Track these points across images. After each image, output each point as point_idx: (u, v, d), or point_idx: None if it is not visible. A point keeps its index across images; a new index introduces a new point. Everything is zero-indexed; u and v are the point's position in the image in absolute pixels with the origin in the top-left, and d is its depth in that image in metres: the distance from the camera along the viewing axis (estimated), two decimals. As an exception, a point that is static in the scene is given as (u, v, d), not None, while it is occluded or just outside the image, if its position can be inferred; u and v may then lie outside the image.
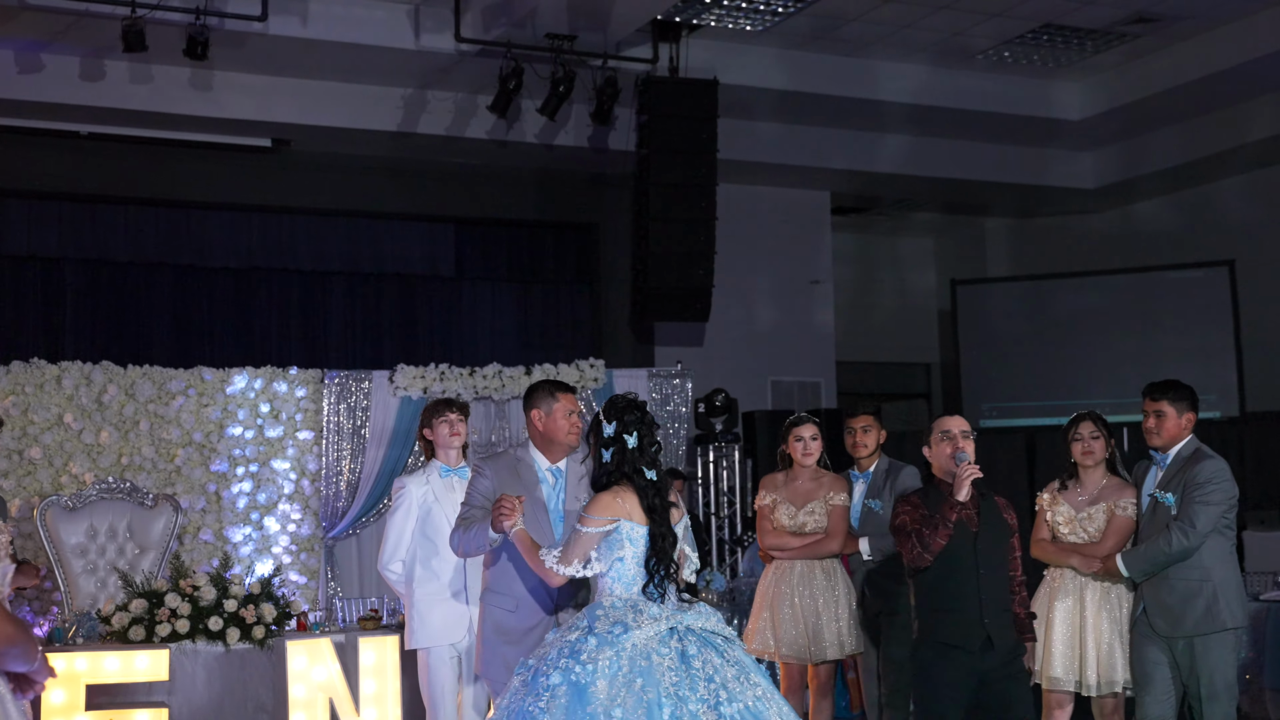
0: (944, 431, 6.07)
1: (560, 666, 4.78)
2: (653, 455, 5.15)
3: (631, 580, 5.05)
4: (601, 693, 4.67)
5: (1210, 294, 14.68)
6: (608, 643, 4.79)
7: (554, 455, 5.91)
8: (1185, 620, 6.36)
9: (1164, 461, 6.59)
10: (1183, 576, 6.38)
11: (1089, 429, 6.77)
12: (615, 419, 5.17)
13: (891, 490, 7.34)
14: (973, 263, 17.63)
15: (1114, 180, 15.46)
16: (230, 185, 13.15)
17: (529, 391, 5.99)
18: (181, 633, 8.04)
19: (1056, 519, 6.82)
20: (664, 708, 4.64)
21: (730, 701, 4.73)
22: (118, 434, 10.20)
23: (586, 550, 5.06)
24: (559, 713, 4.66)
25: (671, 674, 4.75)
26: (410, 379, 10.74)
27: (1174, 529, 6.36)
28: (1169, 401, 6.57)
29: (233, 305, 13.55)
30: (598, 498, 5.14)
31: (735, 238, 13.86)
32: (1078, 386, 14.72)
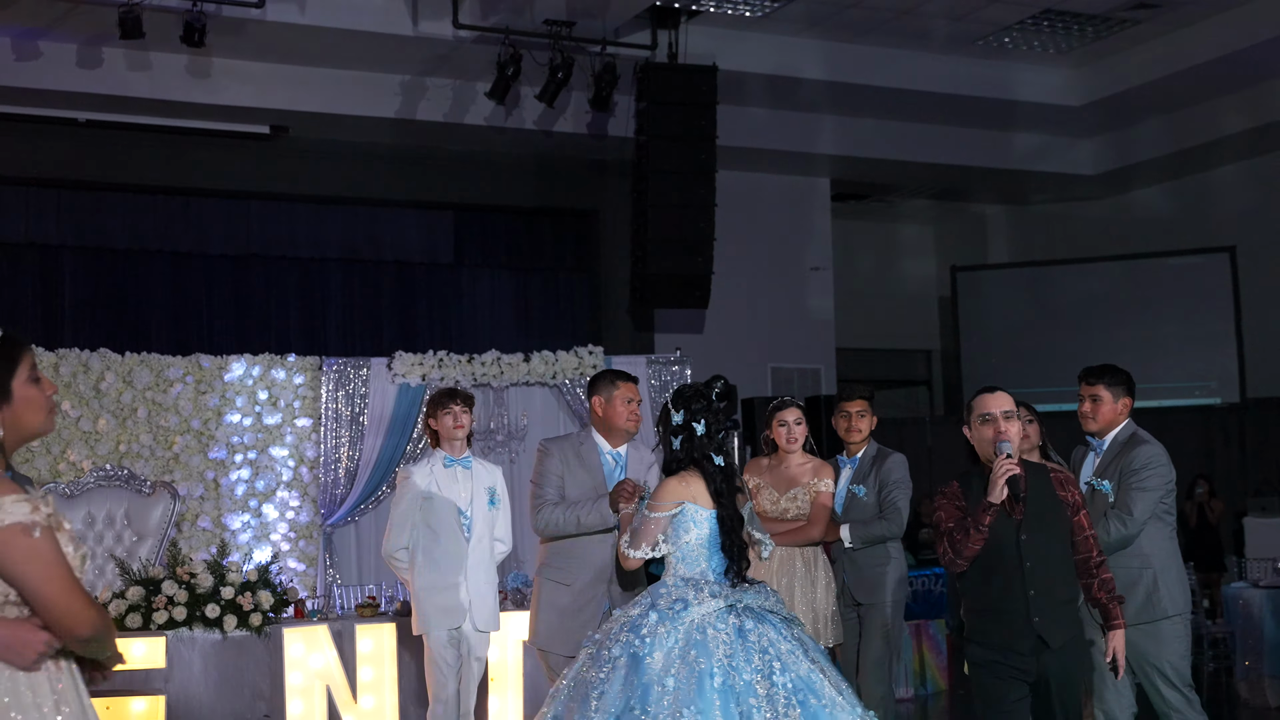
0: (984, 414, 5.29)
1: (621, 640, 4.99)
2: (720, 442, 5.33)
3: (695, 560, 5.22)
4: (657, 664, 4.86)
5: (1211, 280, 14.68)
6: (667, 618, 4.98)
7: (615, 440, 6.22)
8: (1126, 609, 6.05)
9: (1100, 447, 6.43)
10: (1122, 565, 6.15)
11: (1024, 414, 6.67)
12: (683, 407, 5.40)
13: (877, 477, 7.23)
14: (972, 249, 17.62)
15: (1114, 166, 15.44)
16: (228, 172, 13.13)
17: (592, 380, 6.33)
18: (178, 620, 8.04)
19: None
20: (715, 676, 4.81)
21: (784, 671, 4.86)
22: (115, 421, 10.18)
23: (655, 534, 5.26)
24: (618, 682, 4.88)
25: (725, 646, 4.91)
26: (408, 366, 10.72)
27: (1111, 517, 6.18)
28: (1105, 385, 6.40)
29: (231, 293, 13.54)
30: (665, 483, 5.34)
31: (735, 224, 13.84)
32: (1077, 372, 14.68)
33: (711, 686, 4.80)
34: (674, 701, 4.77)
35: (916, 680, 10.93)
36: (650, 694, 4.81)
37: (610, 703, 4.86)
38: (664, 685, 4.81)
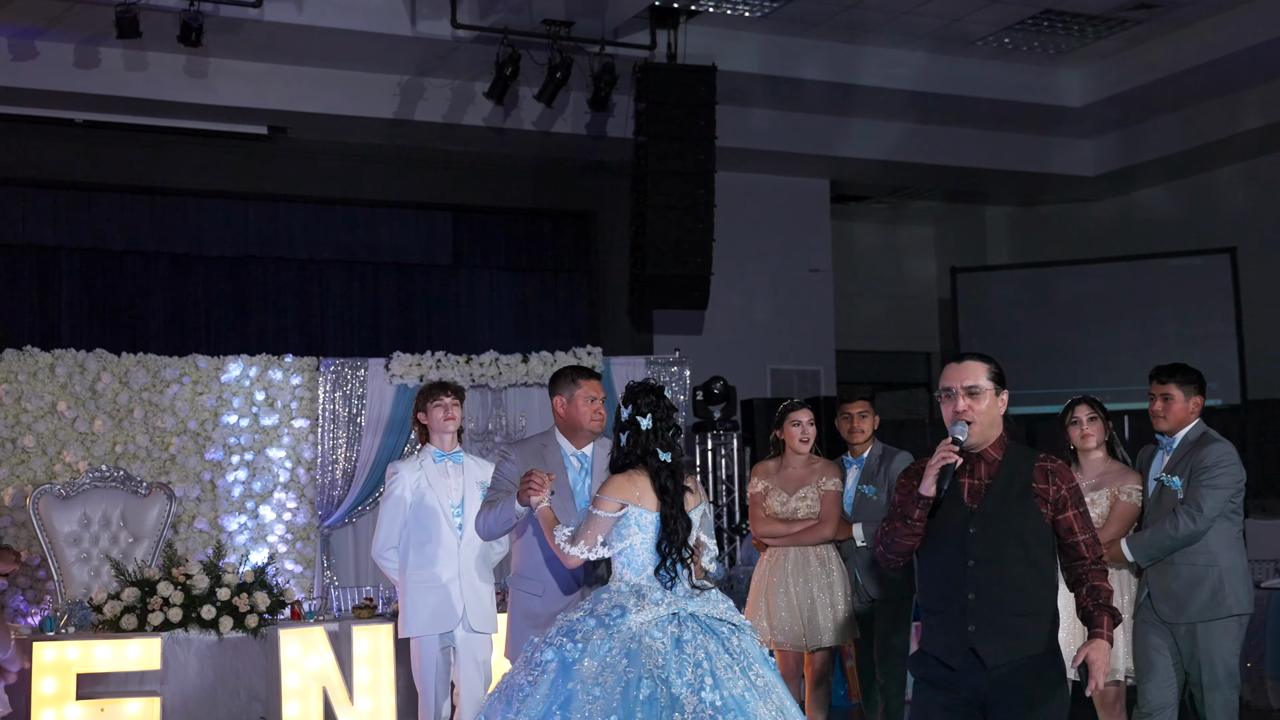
0: (945, 389, 4.76)
1: (555, 644, 4.86)
2: (669, 439, 5.16)
3: (642, 566, 5.06)
4: (587, 671, 4.73)
5: (1212, 281, 14.60)
6: (603, 625, 4.85)
7: (579, 441, 5.93)
8: (1190, 606, 6.25)
9: (1170, 445, 6.48)
10: (1189, 561, 6.27)
11: (1085, 412, 6.70)
12: (630, 402, 5.21)
13: (885, 476, 7.28)
14: (973, 251, 17.56)
15: (1114, 167, 15.38)
16: (226, 173, 13.07)
17: (552, 378, 6.02)
18: (174, 621, 8.00)
19: None
20: (642, 687, 4.67)
21: (715, 688, 4.71)
22: (111, 422, 10.14)
23: (598, 533, 5.09)
24: (544, 686, 4.75)
25: (659, 656, 4.77)
26: (406, 366, 10.68)
27: (1181, 513, 6.24)
28: (1177, 384, 6.46)
29: (229, 294, 13.48)
30: (610, 479, 5.18)
31: (734, 226, 13.78)
32: (1078, 374, 14.64)
33: (636, 698, 4.66)
34: (595, 710, 4.64)
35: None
36: (574, 701, 4.69)
37: (533, 707, 4.74)
38: (590, 694, 4.68)
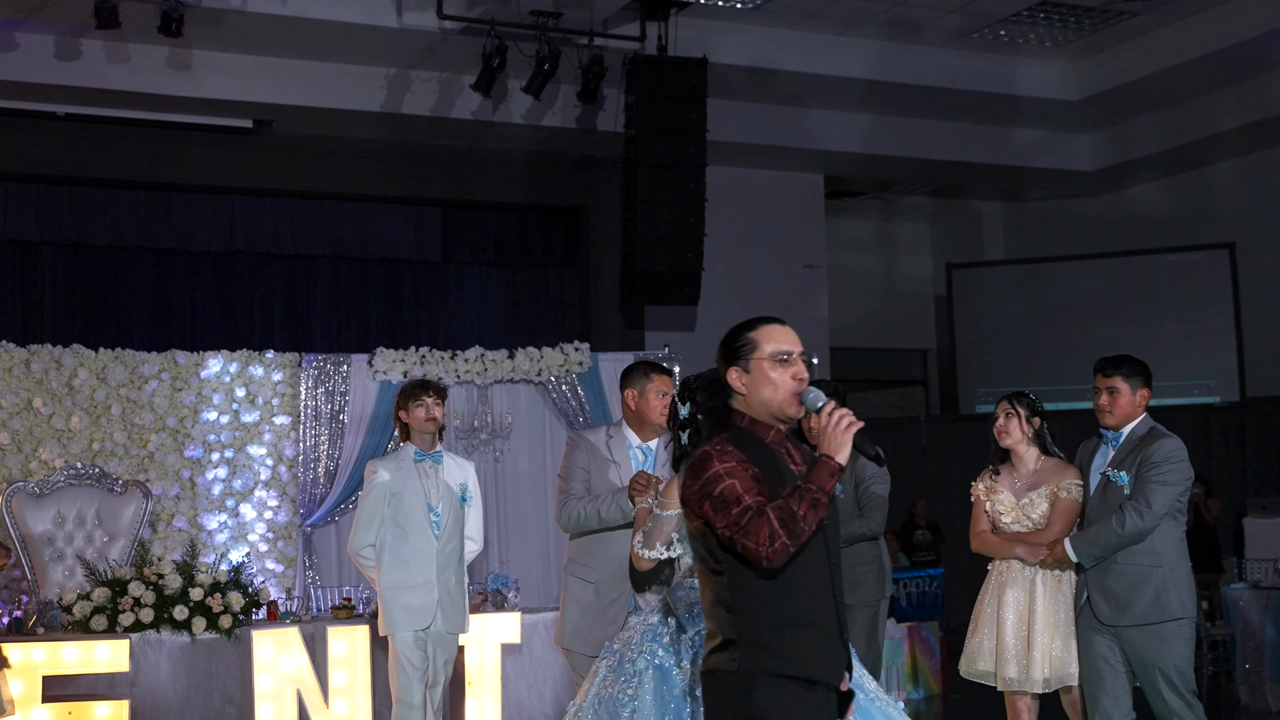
0: (781, 352, 3.95)
1: (644, 651, 4.76)
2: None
3: None
4: (686, 675, 4.65)
5: (1210, 277, 14.50)
6: (688, 623, 4.75)
7: (646, 434, 5.97)
8: (1132, 608, 5.98)
9: (1115, 440, 6.22)
10: (1132, 561, 6.00)
11: (1002, 408, 6.48)
12: (689, 399, 5.03)
13: (852, 473, 7.06)
14: (968, 247, 17.43)
15: (1111, 162, 15.22)
16: (211, 167, 12.92)
17: (625, 371, 6.10)
18: (145, 622, 7.84)
19: (997, 508, 6.47)
20: None
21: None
22: (89, 419, 9.97)
23: (668, 533, 4.96)
24: (648, 697, 4.65)
25: None
26: (390, 362, 10.51)
27: (1128, 509, 5.98)
28: (1123, 377, 6.19)
29: (214, 290, 13.34)
30: (674, 480, 4.98)
31: (727, 221, 13.61)
32: (1075, 371, 14.46)
33: None
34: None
35: (909, 684, 10.72)
36: (685, 707, 4.60)
37: (644, 715, 4.63)
38: (696, 697, 4.55)
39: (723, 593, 3.77)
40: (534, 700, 8.93)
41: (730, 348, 4.02)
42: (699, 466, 3.79)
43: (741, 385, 3.98)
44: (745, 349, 3.99)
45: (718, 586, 3.78)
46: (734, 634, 3.75)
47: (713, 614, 3.81)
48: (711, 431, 4.07)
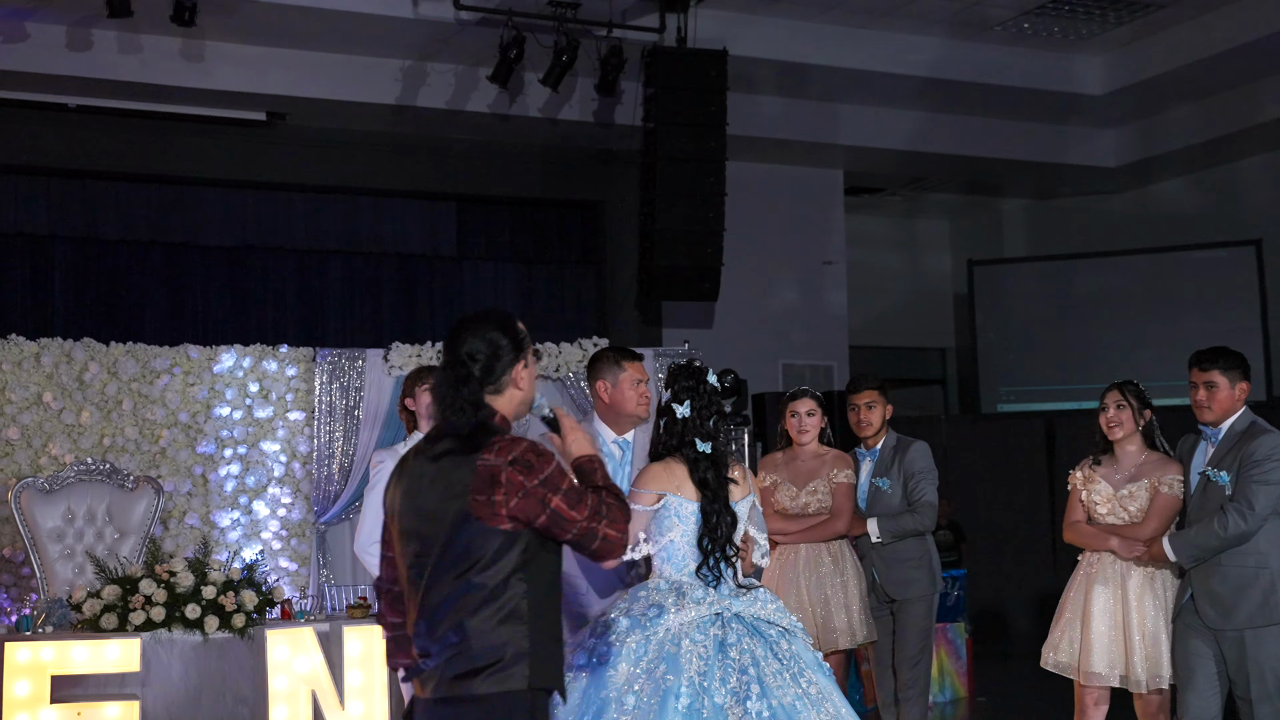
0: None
1: (587, 647, 4.55)
2: (709, 428, 4.78)
3: (683, 561, 4.72)
4: (620, 677, 4.40)
5: (1236, 274, 14.29)
6: (639, 625, 4.51)
7: (620, 427, 5.53)
8: (1238, 611, 5.81)
9: (1215, 436, 6.03)
10: (1237, 564, 5.83)
11: (1114, 399, 6.29)
12: (670, 387, 4.84)
13: (900, 467, 6.93)
14: (989, 245, 17.22)
15: (1135, 158, 14.99)
16: (224, 160, 12.75)
17: (591, 362, 5.62)
18: (156, 621, 7.66)
19: (1093, 498, 6.30)
20: (681, 697, 4.32)
21: (762, 697, 4.36)
22: (99, 414, 9.80)
23: (636, 530, 4.72)
24: (575, 695, 4.42)
25: (700, 662, 4.42)
26: (405, 357, 10.35)
27: (1229, 510, 5.79)
28: (1220, 370, 6.00)
29: (227, 285, 13.17)
30: (646, 469, 4.85)
31: (746, 216, 13.42)
32: (1098, 370, 14.29)
33: (675, 709, 4.29)
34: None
35: (936, 686, 10.53)
36: (606, 712, 4.34)
37: (563, 716, 4.33)
38: (623, 704, 4.32)
39: (520, 604, 3.53)
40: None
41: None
42: (534, 460, 3.55)
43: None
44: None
45: (513, 597, 3.52)
46: (526, 648, 3.53)
47: (495, 632, 3.51)
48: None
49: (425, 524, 3.57)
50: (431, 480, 3.58)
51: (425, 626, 3.56)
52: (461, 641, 3.50)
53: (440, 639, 3.52)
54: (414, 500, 3.61)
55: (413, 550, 3.60)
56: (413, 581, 3.60)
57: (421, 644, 3.58)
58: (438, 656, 3.54)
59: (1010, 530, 14.58)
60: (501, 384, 3.71)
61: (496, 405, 3.71)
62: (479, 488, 3.51)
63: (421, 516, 3.58)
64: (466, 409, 3.63)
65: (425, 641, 3.56)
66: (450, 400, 3.67)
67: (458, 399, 3.65)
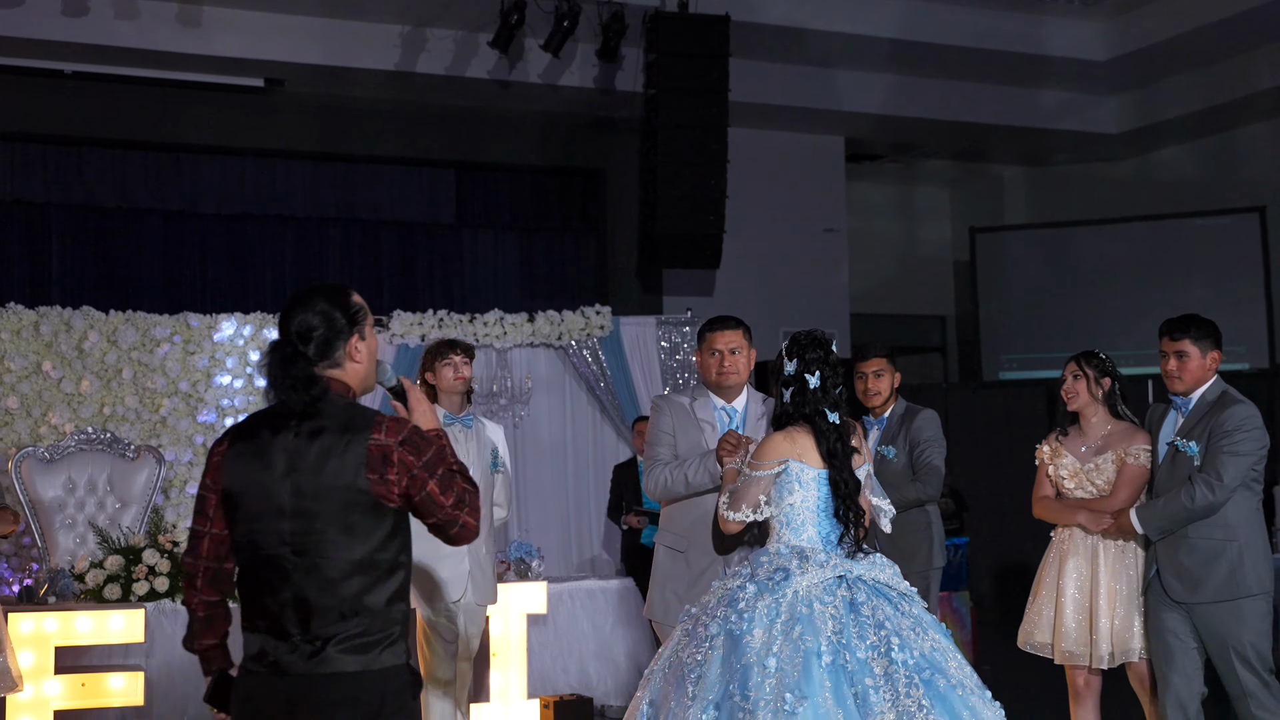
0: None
1: (718, 616, 4.57)
2: (836, 397, 4.85)
3: (802, 525, 4.76)
4: (757, 642, 4.42)
5: (1239, 242, 14.23)
6: (767, 589, 4.55)
7: (725, 395, 5.69)
8: (1205, 585, 5.71)
9: (1185, 406, 5.91)
10: (1204, 536, 5.72)
11: (1070, 369, 6.16)
12: (796, 356, 4.85)
13: (906, 436, 6.85)
14: (990, 212, 17.14)
15: (1139, 124, 14.92)
16: (221, 128, 12.64)
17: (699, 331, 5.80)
18: (160, 591, 7.62)
19: (1060, 472, 6.18)
20: (823, 655, 4.35)
21: (904, 648, 4.39)
22: (99, 383, 9.73)
23: (756, 495, 4.81)
24: (715, 664, 4.46)
25: (834, 622, 4.45)
26: (407, 326, 10.28)
27: (1198, 481, 5.68)
28: (1191, 340, 5.88)
29: (225, 254, 13.08)
30: (768, 439, 4.89)
31: (747, 183, 13.34)
32: (1099, 337, 14.22)
33: (820, 666, 4.31)
34: (777, 685, 4.29)
35: (938, 655, 10.52)
36: (751, 676, 4.34)
37: (709, 687, 4.40)
38: (765, 666, 4.34)
39: (405, 581, 3.65)
40: (559, 671, 8.74)
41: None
42: (420, 442, 3.61)
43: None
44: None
45: (401, 574, 3.63)
46: (401, 628, 3.63)
47: (385, 613, 3.58)
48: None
49: (311, 501, 3.55)
50: (316, 458, 3.56)
51: (311, 601, 3.54)
52: (360, 616, 3.53)
53: (331, 614, 3.53)
54: (293, 478, 3.57)
55: (284, 529, 3.56)
56: (277, 561, 3.56)
57: (291, 622, 3.54)
58: (325, 632, 3.53)
59: (1012, 498, 14.53)
60: (338, 358, 3.67)
61: (336, 377, 3.68)
62: (373, 466, 3.54)
63: (304, 494, 3.56)
64: (298, 386, 3.59)
65: (300, 620, 3.54)
66: (280, 379, 3.61)
67: (287, 377, 3.59)
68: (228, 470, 3.68)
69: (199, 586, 3.76)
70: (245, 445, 3.68)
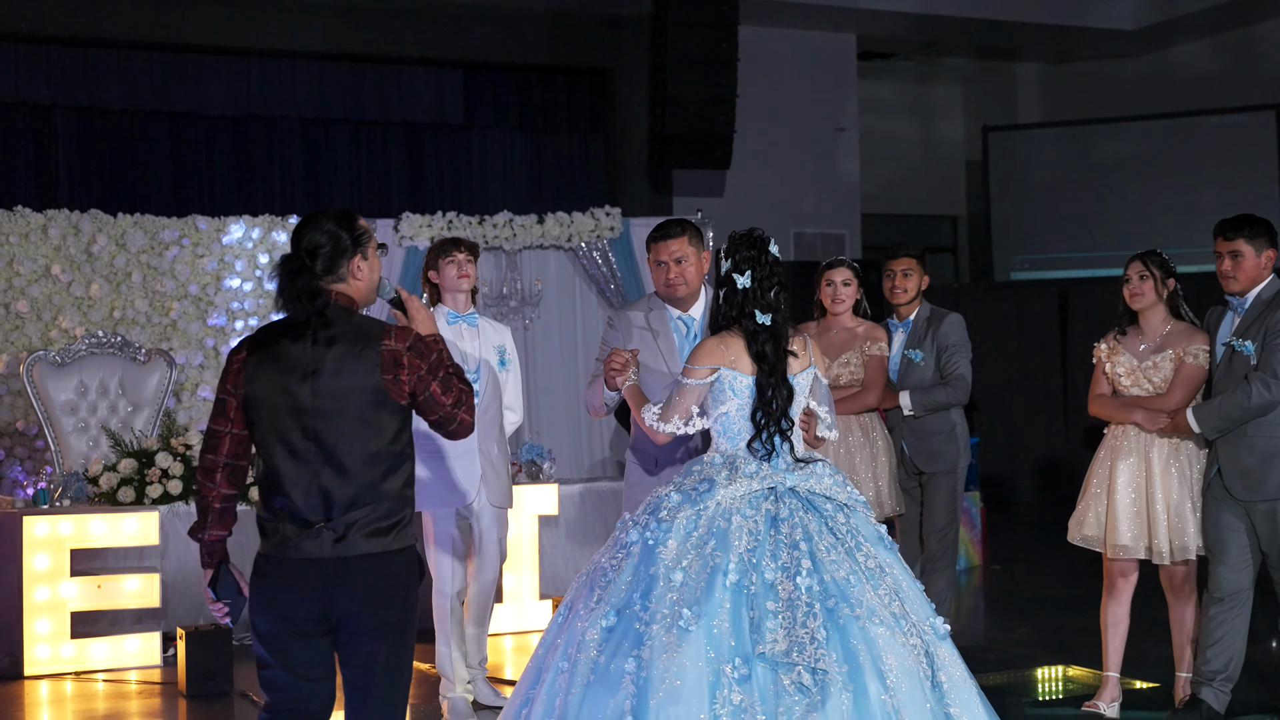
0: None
1: (639, 523, 4.46)
2: (770, 299, 4.62)
3: (737, 435, 4.59)
4: (669, 554, 4.32)
5: (1255, 140, 14.10)
6: (690, 500, 4.42)
7: (680, 305, 5.44)
8: (1266, 483, 5.69)
9: (1241, 306, 5.86)
10: (1264, 434, 5.70)
11: (1136, 269, 6.11)
12: (729, 256, 4.68)
13: (934, 340, 6.82)
14: (1003, 110, 16.96)
15: (1154, 21, 14.71)
16: (227, 27, 12.48)
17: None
18: (174, 494, 7.65)
19: (1117, 370, 6.16)
20: (729, 573, 4.23)
21: (813, 573, 4.25)
22: (109, 286, 9.70)
23: (689, 405, 4.63)
24: (627, 572, 4.37)
25: (749, 538, 4.32)
26: (416, 228, 10.22)
27: (1254, 380, 5.66)
28: (1246, 239, 5.82)
29: (232, 155, 12.97)
30: (701, 344, 4.71)
31: (757, 82, 13.20)
32: (1114, 237, 14.18)
33: (724, 585, 4.20)
34: (677, 599, 4.19)
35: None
36: (655, 587, 4.25)
37: (614, 594, 4.31)
38: (670, 579, 4.24)
39: (411, 469, 4.04)
40: (570, 572, 8.77)
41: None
42: (424, 348, 3.99)
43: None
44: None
45: (406, 467, 4.02)
46: (410, 513, 4.05)
47: (393, 495, 3.97)
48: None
49: (330, 401, 3.91)
50: (334, 362, 3.92)
51: (333, 491, 3.91)
52: (378, 502, 3.93)
53: (352, 501, 3.91)
54: (313, 381, 3.91)
55: (306, 425, 3.92)
56: (300, 454, 3.92)
57: (315, 510, 3.90)
58: (350, 518, 3.91)
59: (1022, 399, 14.54)
60: (341, 274, 4.00)
61: (340, 291, 4.02)
62: (386, 369, 3.92)
63: (324, 395, 3.91)
64: (303, 298, 3.93)
65: (324, 508, 3.90)
66: (286, 290, 3.97)
67: (293, 289, 3.95)
68: (250, 376, 4.00)
69: (218, 481, 4.06)
70: (265, 353, 4.00)
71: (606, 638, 4.24)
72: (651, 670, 4.09)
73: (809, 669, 4.09)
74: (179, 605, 7.87)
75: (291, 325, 3.99)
